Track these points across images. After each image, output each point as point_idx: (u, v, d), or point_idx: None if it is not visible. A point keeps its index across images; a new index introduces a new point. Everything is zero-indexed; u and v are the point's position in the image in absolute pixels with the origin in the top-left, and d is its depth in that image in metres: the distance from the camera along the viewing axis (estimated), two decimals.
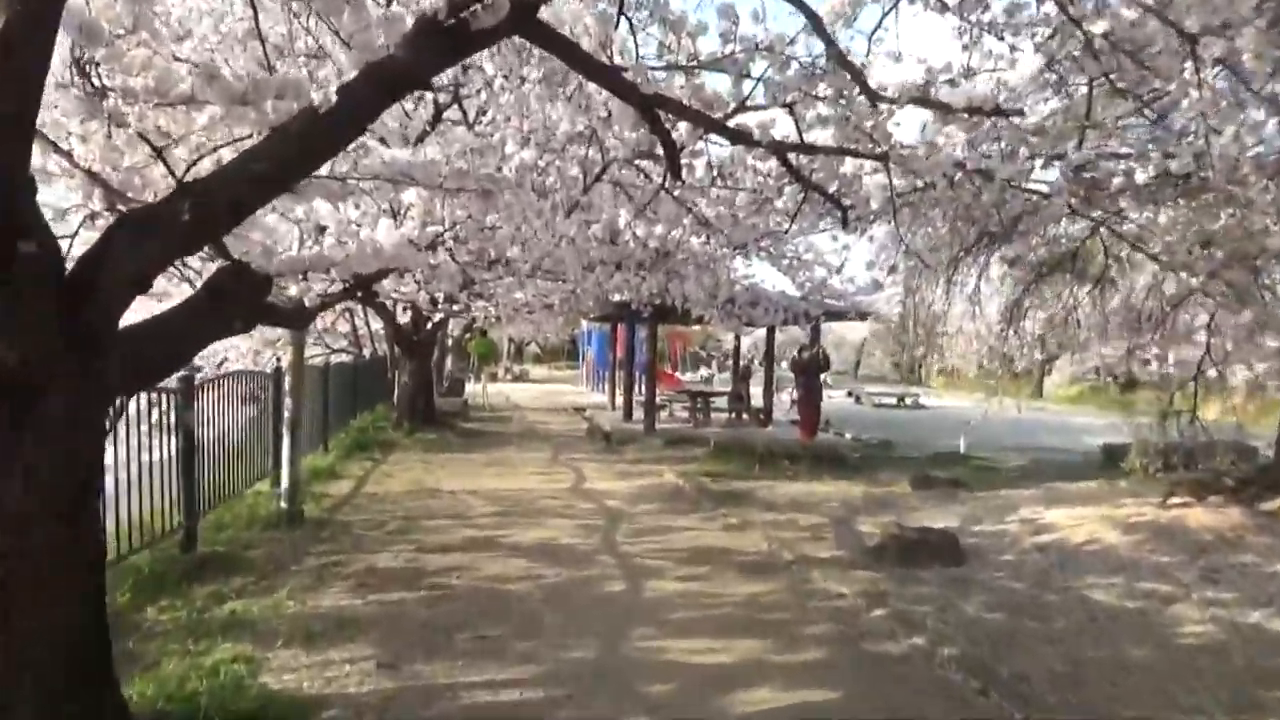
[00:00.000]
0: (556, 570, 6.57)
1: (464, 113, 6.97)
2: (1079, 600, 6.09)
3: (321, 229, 6.08)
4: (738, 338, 22.67)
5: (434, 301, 8.91)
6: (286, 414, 7.94)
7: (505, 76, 6.34)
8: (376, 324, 18.48)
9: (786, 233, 7.79)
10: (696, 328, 37.04)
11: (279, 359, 9.97)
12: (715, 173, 6.07)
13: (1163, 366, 10.78)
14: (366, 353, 20.24)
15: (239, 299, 3.82)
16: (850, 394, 31.34)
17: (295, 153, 3.32)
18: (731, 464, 13.02)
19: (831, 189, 5.92)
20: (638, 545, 7.51)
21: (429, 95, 6.54)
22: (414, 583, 6.12)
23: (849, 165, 6.01)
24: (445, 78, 6.96)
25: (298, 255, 5.24)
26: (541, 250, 9.16)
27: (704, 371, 41.88)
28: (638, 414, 19.30)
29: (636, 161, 6.34)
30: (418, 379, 15.62)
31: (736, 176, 6.31)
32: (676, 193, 6.52)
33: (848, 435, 17.33)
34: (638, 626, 5.36)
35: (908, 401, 28.00)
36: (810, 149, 4.99)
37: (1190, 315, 10.33)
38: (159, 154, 3.55)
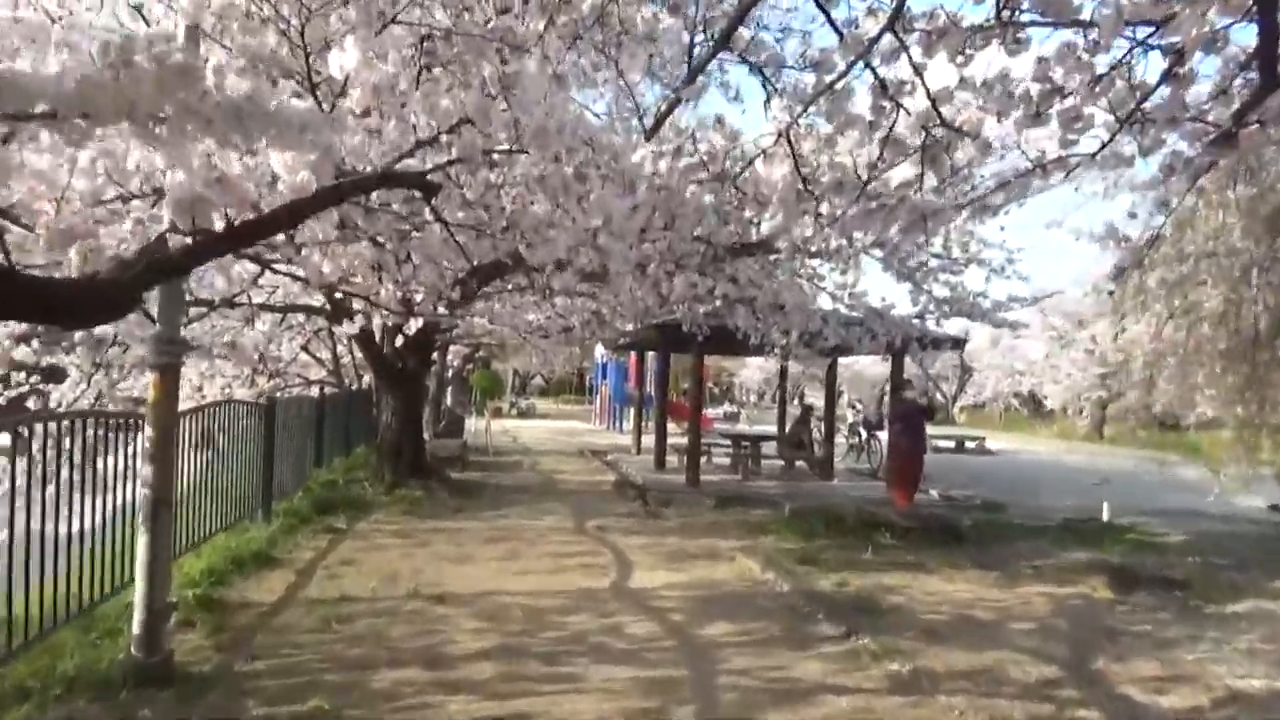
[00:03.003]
0: None
1: None
2: None
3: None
4: (783, 370, 19.31)
5: (408, 306, 5.58)
6: (145, 492, 4.56)
7: None
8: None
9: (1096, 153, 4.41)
10: (709, 359, 33.44)
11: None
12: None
13: None
14: (352, 385, 16.99)
15: None
16: None
17: None
18: (819, 539, 9.62)
19: None
20: None
21: None
22: None
23: None
24: None
25: None
26: (575, 236, 5.95)
27: (727, 408, 38.51)
28: (671, 460, 15.97)
29: None
30: (403, 418, 12.25)
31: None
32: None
33: (933, 492, 13.93)
34: None
35: (970, 445, 24.49)
36: None
37: None
38: None
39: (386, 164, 3.51)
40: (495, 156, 4.23)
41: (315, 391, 15.50)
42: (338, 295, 6.46)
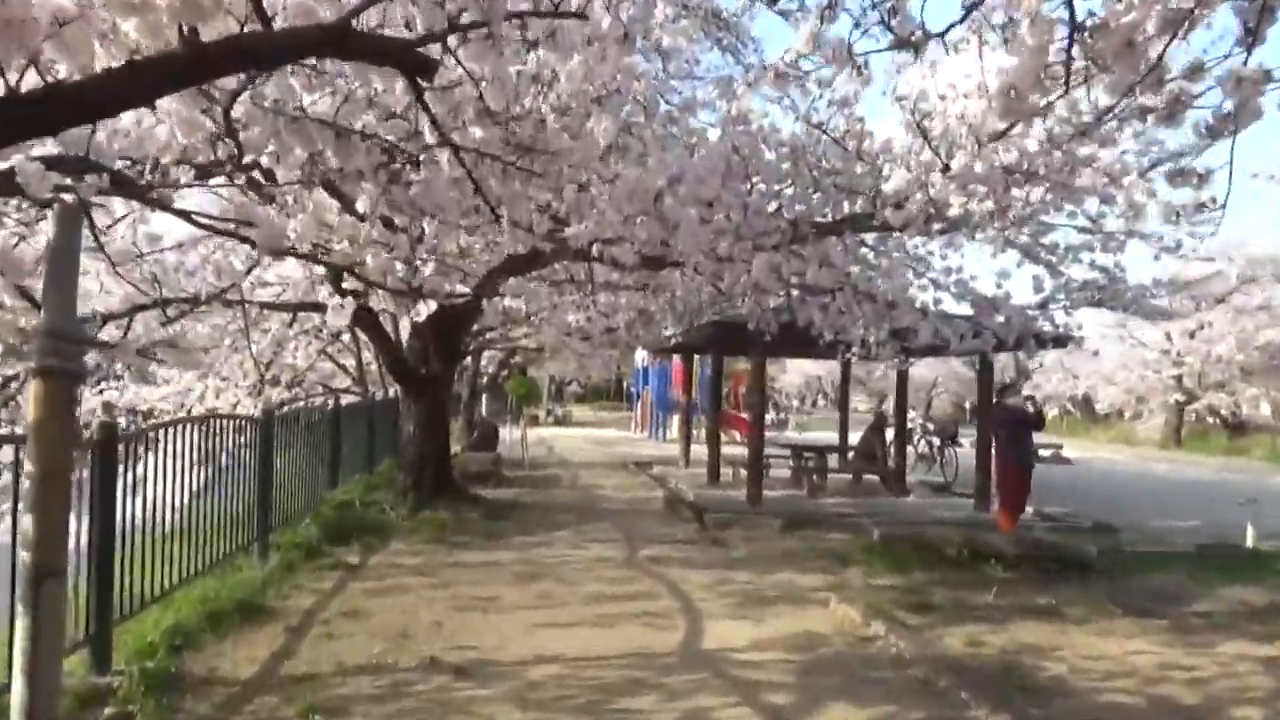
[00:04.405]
0: None
1: None
2: None
3: None
4: (845, 372, 17.62)
5: (415, 291, 4.05)
6: (23, 557, 3.12)
7: None
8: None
9: None
10: (747, 363, 31.29)
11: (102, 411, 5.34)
12: None
13: None
14: (375, 394, 15.66)
15: None
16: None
17: None
18: (915, 571, 8.06)
19: None
20: None
21: None
22: None
23: None
24: None
25: None
26: (635, 199, 4.56)
27: (773, 415, 36.74)
28: (724, 473, 14.41)
29: None
30: (426, 430, 10.82)
31: None
32: None
33: (1028, 509, 12.20)
34: None
35: (1045, 454, 22.43)
36: None
37: None
38: None
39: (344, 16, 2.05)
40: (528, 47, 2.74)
41: (346, 401, 14.22)
42: (315, 268, 4.92)
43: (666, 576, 7.81)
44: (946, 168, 5.33)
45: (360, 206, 3.32)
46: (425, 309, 4.08)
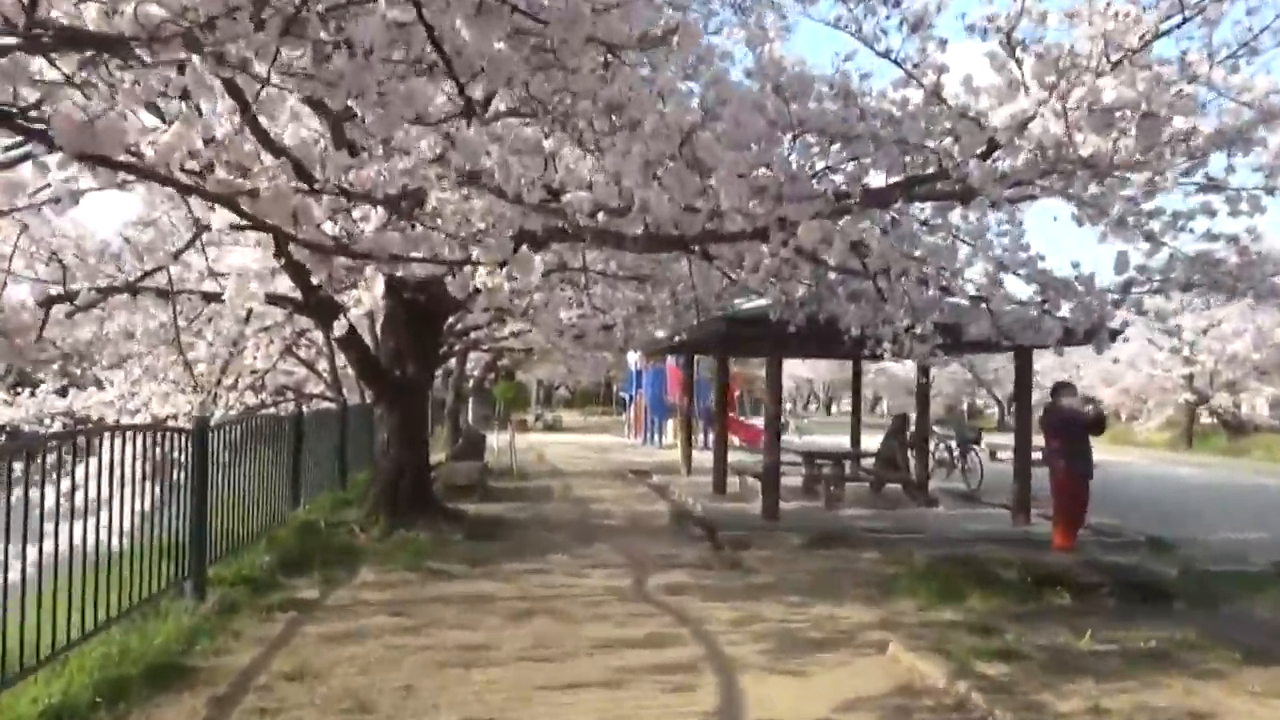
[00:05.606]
0: None
1: None
2: None
3: None
4: (856, 376, 16.41)
5: (341, 248, 2.75)
6: None
7: None
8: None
9: None
10: (739, 366, 29.96)
11: None
12: None
13: None
14: (346, 400, 14.34)
15: None
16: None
17: None
18: (972, 600, 6.88)
19: None
20: None
21: None
22: None
23: None
24: None
25: None
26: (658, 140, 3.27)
27: None
28: (731, 484, 13.20)
29: None
30: (401, 440, 9.51)
31: None
32: None
33: None
34: None
35: None
36: None
37: None
38: None
39: None
40: None
41: (314, 408, 12.93)
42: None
43: (684, 612, 6.56)
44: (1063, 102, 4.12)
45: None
46: (375, 288, 2.80)
